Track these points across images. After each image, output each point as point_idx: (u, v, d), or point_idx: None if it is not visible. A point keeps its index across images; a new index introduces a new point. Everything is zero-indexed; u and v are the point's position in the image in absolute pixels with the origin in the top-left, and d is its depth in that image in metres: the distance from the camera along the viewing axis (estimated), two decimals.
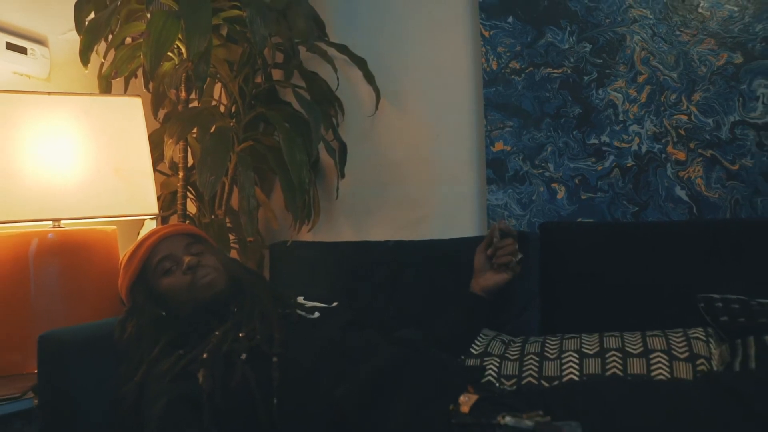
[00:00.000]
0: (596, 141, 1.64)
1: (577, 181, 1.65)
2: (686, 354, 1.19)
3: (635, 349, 1.22)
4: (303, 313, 1.20)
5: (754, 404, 0.87)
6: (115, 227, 1.60)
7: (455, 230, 1.73)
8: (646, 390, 1.00)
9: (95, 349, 1.16)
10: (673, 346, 1.21)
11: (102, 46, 1.66)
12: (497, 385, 1.21)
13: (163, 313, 1.18)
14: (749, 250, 1.37)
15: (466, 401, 0.90)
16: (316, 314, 1.20)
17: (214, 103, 1.93)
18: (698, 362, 1.17)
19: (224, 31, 1.87)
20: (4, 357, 1.41)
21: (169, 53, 1.69)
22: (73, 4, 1.69)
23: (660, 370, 1.17)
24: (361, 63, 1.89)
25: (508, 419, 0.84)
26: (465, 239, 1.60)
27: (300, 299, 1.28)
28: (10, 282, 1.44)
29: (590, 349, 1.26)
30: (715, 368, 1.16)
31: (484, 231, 1.73)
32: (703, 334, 1.23)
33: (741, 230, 1.42)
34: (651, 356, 1.20)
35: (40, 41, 1.76)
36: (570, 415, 0.89)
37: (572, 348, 1.27)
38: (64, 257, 1.48)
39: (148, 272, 1.21)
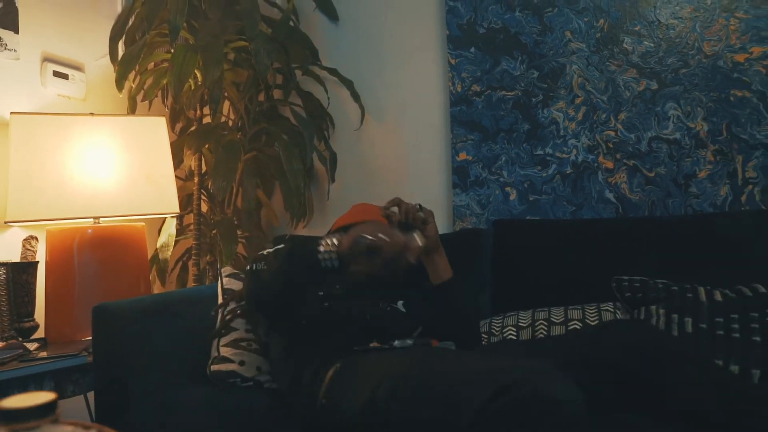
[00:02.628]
0: (542, 152, 1.96)
1: (526, 185, 1.98)
2: (596, 322, 1.52)
3: (558, 319, 1.55)
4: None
5: (596, 336, 1.16)
6: (143, 223, 1.92)
7: None
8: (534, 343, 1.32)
9: (134, 317, 1.47)
10: (587, 316, 1.54)
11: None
12: None
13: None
14: (662, 241, 1.68)
15: (376, 344, 1.23)
16: None
17: (223, 119, 2.25)
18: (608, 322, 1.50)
19: (232, 57, 2.19)
20: (57, 328, 1.74)
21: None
22: (105, 35, 2.02)
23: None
24: (348, 84, 2.21)
25: (396, 342, 1.17)
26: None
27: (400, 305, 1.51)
28: (60, 269, 1.77)
29: (524, 323, 1.58)
30: None
31: (451, 228, 2.05)
32: (612, 307, 1.56)
33: (656, 225, 1.74)
34: (569, 324, 1.53)
35: (78, 68, 2.09)
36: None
37: (511, 324, 1.59)
38: (102, 248, 1.81)
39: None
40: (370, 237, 1.11)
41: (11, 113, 1.69)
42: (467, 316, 1.44)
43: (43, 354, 1.54)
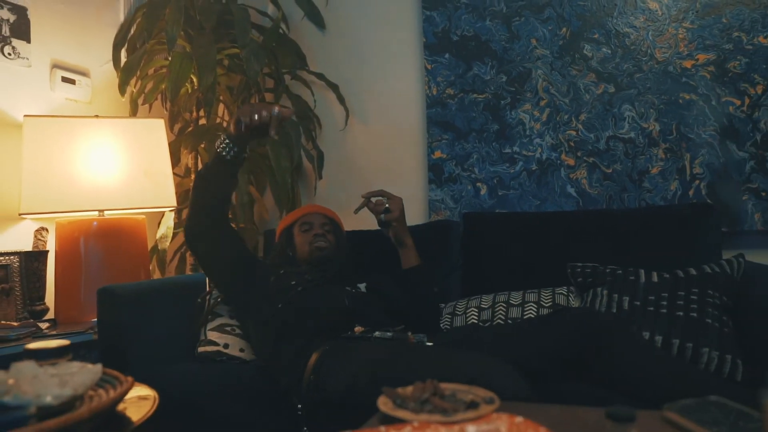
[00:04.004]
0: (509, 150, 2.13)
1: (495, 181, 2.14)
2: (549, 303, 1.68)
3: (516, 302, 1.71)
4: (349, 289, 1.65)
5: (545, 326, 1.33)
6: (144, 216, 2.09)
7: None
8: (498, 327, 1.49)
9: (135, 299, 1.64)
10: (542, 299, 1.70)
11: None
12: None
13: (289, 253, 1.71)
14: (615, 231, 1.84)
15: (359, 329, 1.40)
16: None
17: (218, 120, 2.42)
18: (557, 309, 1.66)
19: (226, 63, 2.36)
20: (65, 311, 1.91)
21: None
22: (109, 42, 2.19)
23: (529, 314, 1.66)
24: (334, 87, 2.37)
25: (377, 333, 1.34)
26: (412, 226, 2.07)
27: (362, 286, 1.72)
28: (68, 257, 1.94)
29: (486, 305, 1.74)
30: None
31: (428, 220, 2.22)
32: (565, 290, 1.72)
33: (610, 217, 1.90)
34: (525, 305, 1.69)
35: (84, 73, 2.26)
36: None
37: (474, 305, 1.76)
38: (107, 238, 1.97)
39: (296, 224, 1.73)
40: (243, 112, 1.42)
41: (24, 116, 1.86)
42: (427, 298, 1.61)
43: (54, 332, 1.71)
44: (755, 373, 1.29)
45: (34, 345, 0.80)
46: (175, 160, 2.25)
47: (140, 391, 0.88)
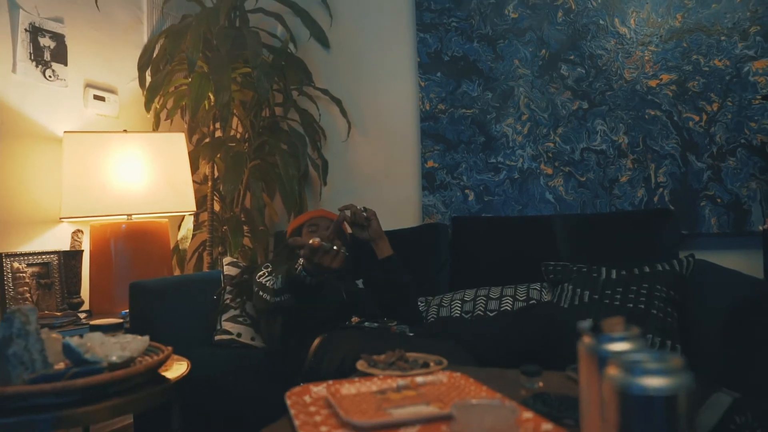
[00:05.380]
0: (494, 160, 2.35)
1: (481, 188, 2.37)
2: (524, 297, 1.91)
3: (494, 296, 1.94)
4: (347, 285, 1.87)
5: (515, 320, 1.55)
6: (167, 220, 2.34)
7: (401, 222, 2.45)
8: (478, 318, 1.72)
9: (161, 292, 1.89)
10: (517, 294, 1.93)
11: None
12: None
13: (297, 252, 1.88)
14: (589, 233, 2.06)
15: (355, 319, 1.64)
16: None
17: (232, 132, 2.66)
18: (530, 303, 1.89)
19: (239, 80, 2.60)
20: (98, 303, 2.17)
21: None
22: (134, 61, 2.45)
23: (506, 307, 1.89)
24: (338, 102, 2.61)
25: (366, 323, 1.58)
26: (407, 229, 2.32)
27: (359, 282, 1.95)
28: (100, 255, 2.19)
29: (468, 298, 1.97)
30: None
31: (421, 223, 2.45)
32: (539, 286, 1.95)
33: (585, 221, 2.12)
34: (503, 299, 1.92)
35: (112, 90, 2.51)
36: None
37: (458, 298, 1.99)
38: (134, 239, 2.22)
39: (303, 226, 1.92)
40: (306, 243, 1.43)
41: (64, 132, 2.12)
42: (403, 286, 1.82)
43: (90, 322, 1.96)
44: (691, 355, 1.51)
45: (97, 321, 1.04)
46: (194, 168, 2.50)
47: (176, 360, 1.12)
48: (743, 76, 2.01)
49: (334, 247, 1.39)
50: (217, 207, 2.56)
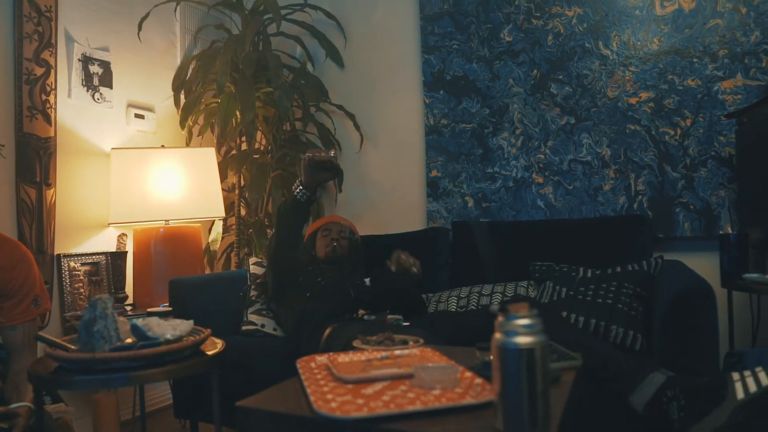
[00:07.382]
0: (491, 170, 2.60)
1: (480, 195, 2.62)
2: (512, 294, 2.16)
3: (486, 293, 2.19)
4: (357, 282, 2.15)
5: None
6: (199, 224, 2.64)
7: (408, 226, 2.71)
8: (466, 312, 1.98)
9: (197, 288, 2.19)
10: (506, 290, 2.18)
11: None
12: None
13: (312, 252, 2.19)
14: (574, 236, 2.29)
15: (362, 312, 1.91)
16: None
17: (257, 145, 2.95)
18: (512, 297, 2.14)
19: (262, 98, 2.89)
20: (141, 298, 2.48)
21: None
22: (169, 81, 2.76)
23: (495, 303, 2.14)
24: (351, 117, 2.88)
25: (365, 316, 1.85)
26: (413, 232, 2.59)
27: (367, 280, 2.24)
28: (142, 256, 2.50)
29: (463, 295, 2.23)
30: None
31: (425, 227, 2.71)
32: (526, 284, 2.19)
33: (571, 225, 2.35)
34: (493, 296, 2.17)
35: (150, 109, 2.82)
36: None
37: (455, 294, 2.24)
38: (171, 242, 2.52)
39: (319, 230, 2.22)
40: (309, 155, 1.74)
41: (111, 149, 2.44)
42: (406, 292, 2.08)
43: (136, 313, 2.27)
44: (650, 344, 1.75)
45: (152, 309, 1.34)
46: (223, 178, 2.80)
47: (214, 340, 1.41)
48: (713, 95, 2.23)
49: (331, 153, 1.75)
50: (243, 212, 2.85)
